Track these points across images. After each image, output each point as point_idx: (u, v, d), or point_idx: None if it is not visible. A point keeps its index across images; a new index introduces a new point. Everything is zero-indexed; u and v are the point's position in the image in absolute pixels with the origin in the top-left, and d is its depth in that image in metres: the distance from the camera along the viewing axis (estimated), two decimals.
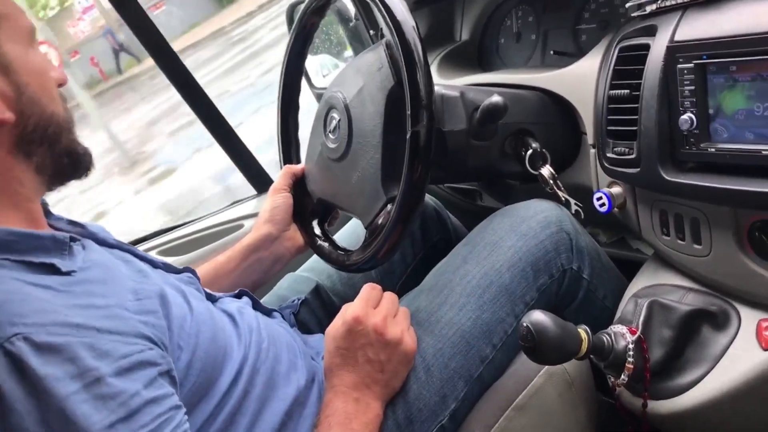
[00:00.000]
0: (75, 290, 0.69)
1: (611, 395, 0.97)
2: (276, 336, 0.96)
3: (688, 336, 0.89)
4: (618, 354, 0.84)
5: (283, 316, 1.11)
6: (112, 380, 0.62)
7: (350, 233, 1.30)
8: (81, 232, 0.84)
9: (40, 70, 0.77)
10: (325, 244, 1.15)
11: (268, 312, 1.06)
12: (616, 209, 1.02)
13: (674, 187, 0.87)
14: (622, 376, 0.85)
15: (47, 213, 0.86)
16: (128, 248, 0.90)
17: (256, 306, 1.05)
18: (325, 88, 1.70)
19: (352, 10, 1.77)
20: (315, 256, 1.26)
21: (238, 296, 1.05)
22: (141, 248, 1.39)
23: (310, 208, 1.19)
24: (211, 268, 1.13)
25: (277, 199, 1.18)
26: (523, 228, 1.02)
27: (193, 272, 0.98)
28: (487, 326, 0.95)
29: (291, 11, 1.79)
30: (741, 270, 0.86)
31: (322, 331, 1.13)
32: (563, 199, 1.06)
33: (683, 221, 0.92)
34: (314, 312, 1.20)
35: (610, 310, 1.03)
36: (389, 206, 0.97)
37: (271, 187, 1.22)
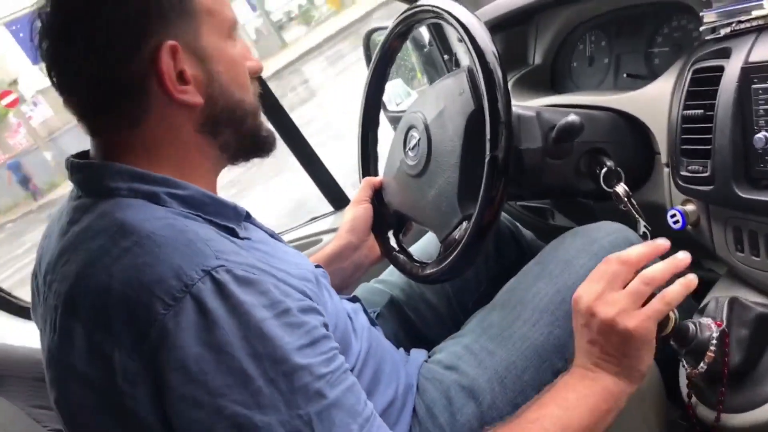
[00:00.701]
0: (251, 251, 0.77)
1: (682, 405, 0.98)
2: (381, 340, 1.02)
3: (764, 344, 0.90)
4: (701, 342, 0.86)
5: None
6: (297, 313, 0.70)
7: (425, 246, 1.34)
8: (247, 212, 0.91)
9: (234, 61, 0.84)
10: (401, 255, 1.19)
11: (372, 321, 1.10)
12: (689, 226, 1.04)
13: (749, 204, 0.89)
14: (701, 365, 0.86)
15: None
16: (279, 237, 0.97)
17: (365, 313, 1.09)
18: (398, 112, 1.78)
19: (426, 36, 1.84)
20: (389, 268, 1.31)
21: (353, 300, 1.10)
22: None
23: (386, 219, 1.24)
24: None
25: (359, 209, 1.23)
26: (595, 248, 1.05)
27: (323, 269, 1.03)
28: (559, 341, 0.98)
29: (368, 38, 1.88)
30: None
31: (397, 344, 1.18)
32: (635, 219, 1.08)
33: (758, 238, 0.94)
34: (389, 324, 1.24)
35: None
36: (465, 224, 1.02)
37: (353, 199, 1.27)
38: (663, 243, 0.86)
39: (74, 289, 0.70)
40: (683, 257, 0.84)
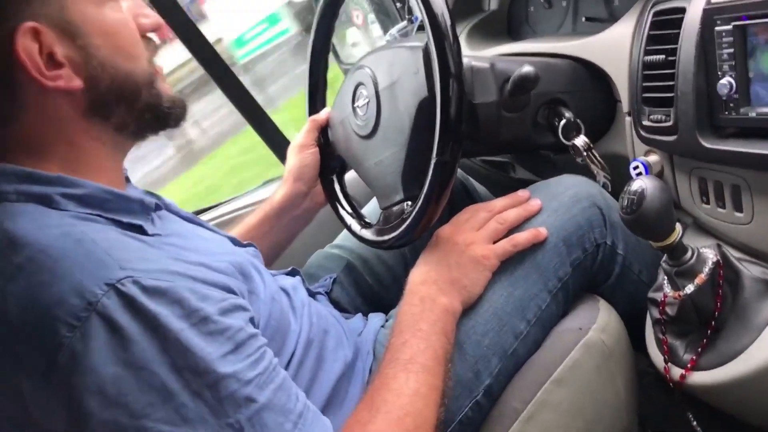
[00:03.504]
0: (163, 248, 0.72)
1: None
2: (323, 314, 0.98)
3: (732, 300, 0.87)
4: (695, 265, 0.84)
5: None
6: (217, 318, 0.66)
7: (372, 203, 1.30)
8: (157, 202, 0.86)
9: (116, 27, 0.75)
10: (342, 206, 1.18)
11: (312, 294, 1.08)
12: None
13: (714, 154, 0.85)
14: (688, 287, 0.84)
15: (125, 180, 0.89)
16: (200, 221, 0.93)
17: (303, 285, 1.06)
18: (350, 65, 1.71)
19: None
20: (343, 232, 1.27)
21: (291, 274, 1.07)
22: None
23: (331, 161, 1.21)
24: (243, 231, 1.15)
25: (307, 156, 1.19)
26: (554, 204, 1.01)
27: (255, 247, 1.00)
28: (520, 302, 0.95)
29: None
30: None
31: (355, 310, 1.14)
32: (594, 171, 1.05)
33: (723, 189, 0.90)
34: (346, 290, 1.21)
35: (647, 286, 1.01)
36: (406, 204, 1.00)
37: (298, 143, 1.22)
38: (522, 194, 1.02)
39: None
40: (534, 204, 0.99)
